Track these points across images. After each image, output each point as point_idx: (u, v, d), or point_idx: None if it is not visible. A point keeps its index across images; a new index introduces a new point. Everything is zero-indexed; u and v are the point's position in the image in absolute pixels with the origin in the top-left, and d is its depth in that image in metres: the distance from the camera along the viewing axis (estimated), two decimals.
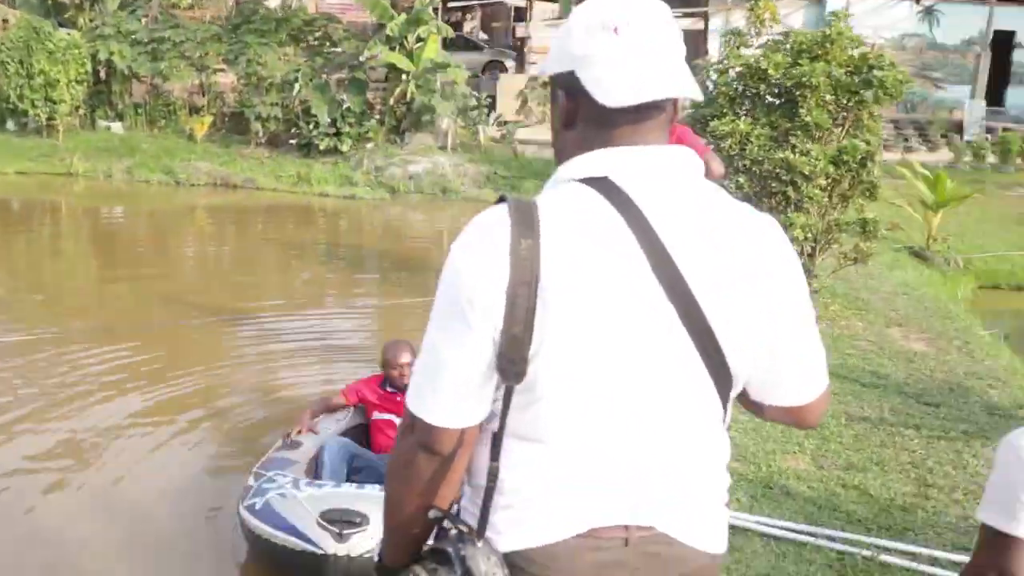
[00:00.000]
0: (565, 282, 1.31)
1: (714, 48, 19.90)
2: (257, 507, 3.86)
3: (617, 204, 1.35)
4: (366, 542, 3.63)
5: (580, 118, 1.43)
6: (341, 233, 13.47)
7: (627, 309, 1.33)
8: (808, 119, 6.93)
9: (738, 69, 7.44)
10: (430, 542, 1.49)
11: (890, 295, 8.34)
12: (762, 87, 7.18)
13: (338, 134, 16.24)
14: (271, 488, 3.93)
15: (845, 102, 7.10)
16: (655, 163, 1.40)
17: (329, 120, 16.15)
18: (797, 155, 6.87)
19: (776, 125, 7.11)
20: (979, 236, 12.07)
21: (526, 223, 1.33)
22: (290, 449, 4.40)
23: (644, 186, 1.37)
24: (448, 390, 1.36)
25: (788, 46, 7.40)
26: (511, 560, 1.40)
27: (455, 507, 1.50)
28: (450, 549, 1.39)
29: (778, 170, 6.91)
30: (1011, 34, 20.85)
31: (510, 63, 22.03)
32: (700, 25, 20.50)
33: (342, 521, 3.65)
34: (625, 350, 1.35)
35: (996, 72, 20.59)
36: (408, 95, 16.73)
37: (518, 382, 1.34)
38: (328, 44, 18.42)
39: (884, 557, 3.62)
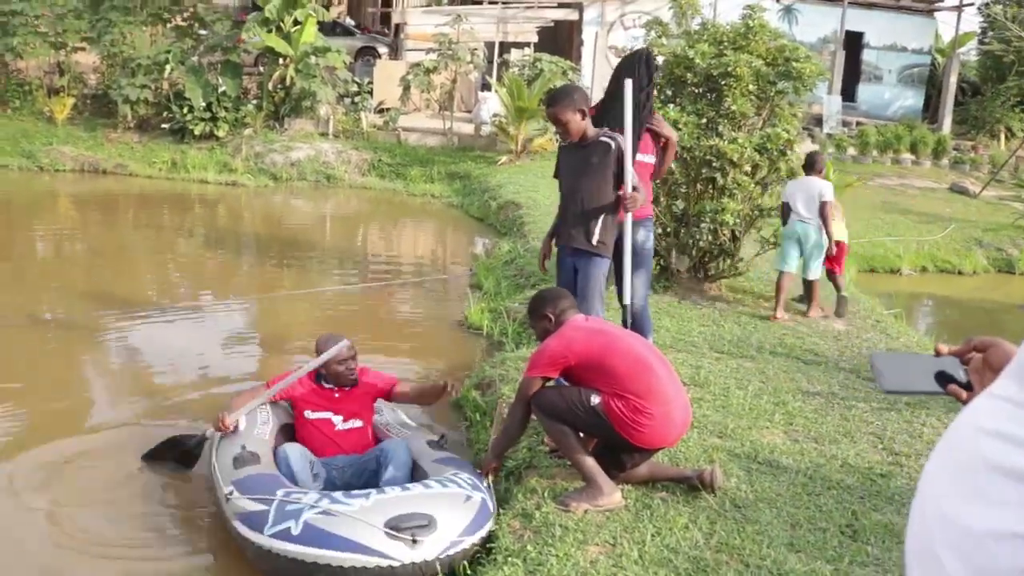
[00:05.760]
0: None
1: (588, 37, 20.29)
2: (295, 532, 3.49)
3: None
4: (439, 544, 3.49)
5: None
6: (229, 220, 12.93)
7: None
8: (734, 108, 7.17)
9: (662, 58, 7.59)
10: None
11: (796, 278, 8.71)
12: (688, 76, 7.36)
13: (214, 119, 15.61)
14: (301, 508, 3.56)
15: (766, 92, 7.39)
16: None
17: (204, 104, 15.50)
18: (726, 142, 7.09)
19: (702, 113, 7.31)
20: (852, 222, 12.76)
21: None
22: (254, 464, 4.01)
23: None
24: None
25: (705, 37, 7.65)
26: None
27: None
28: None
29: (708, 157, 7.11)
30: (860, 35, 22.21)
31: (383, 49, 21.70)
32: (574, 16, 20.81)
33: (410, 527, 3.47)
34: None
35: (848, 69, 21.86)
36: (287, 80, 16.24)
37: None
38: (197, 25, 17.64)
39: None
